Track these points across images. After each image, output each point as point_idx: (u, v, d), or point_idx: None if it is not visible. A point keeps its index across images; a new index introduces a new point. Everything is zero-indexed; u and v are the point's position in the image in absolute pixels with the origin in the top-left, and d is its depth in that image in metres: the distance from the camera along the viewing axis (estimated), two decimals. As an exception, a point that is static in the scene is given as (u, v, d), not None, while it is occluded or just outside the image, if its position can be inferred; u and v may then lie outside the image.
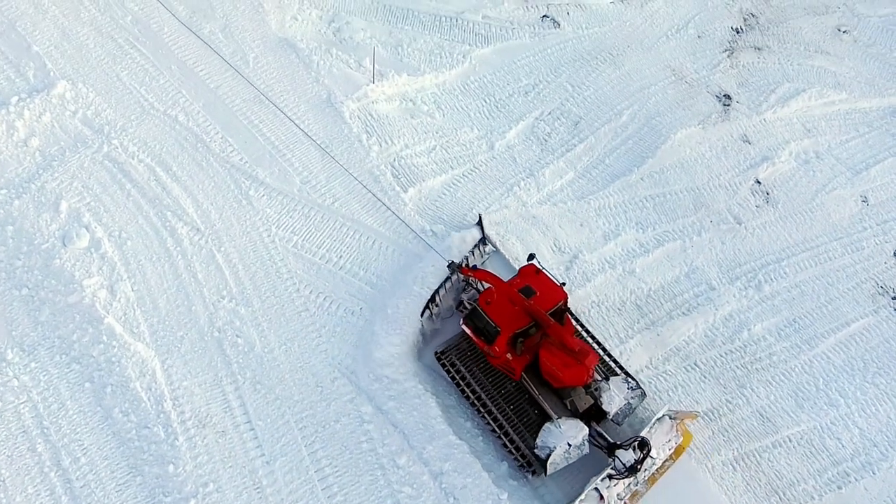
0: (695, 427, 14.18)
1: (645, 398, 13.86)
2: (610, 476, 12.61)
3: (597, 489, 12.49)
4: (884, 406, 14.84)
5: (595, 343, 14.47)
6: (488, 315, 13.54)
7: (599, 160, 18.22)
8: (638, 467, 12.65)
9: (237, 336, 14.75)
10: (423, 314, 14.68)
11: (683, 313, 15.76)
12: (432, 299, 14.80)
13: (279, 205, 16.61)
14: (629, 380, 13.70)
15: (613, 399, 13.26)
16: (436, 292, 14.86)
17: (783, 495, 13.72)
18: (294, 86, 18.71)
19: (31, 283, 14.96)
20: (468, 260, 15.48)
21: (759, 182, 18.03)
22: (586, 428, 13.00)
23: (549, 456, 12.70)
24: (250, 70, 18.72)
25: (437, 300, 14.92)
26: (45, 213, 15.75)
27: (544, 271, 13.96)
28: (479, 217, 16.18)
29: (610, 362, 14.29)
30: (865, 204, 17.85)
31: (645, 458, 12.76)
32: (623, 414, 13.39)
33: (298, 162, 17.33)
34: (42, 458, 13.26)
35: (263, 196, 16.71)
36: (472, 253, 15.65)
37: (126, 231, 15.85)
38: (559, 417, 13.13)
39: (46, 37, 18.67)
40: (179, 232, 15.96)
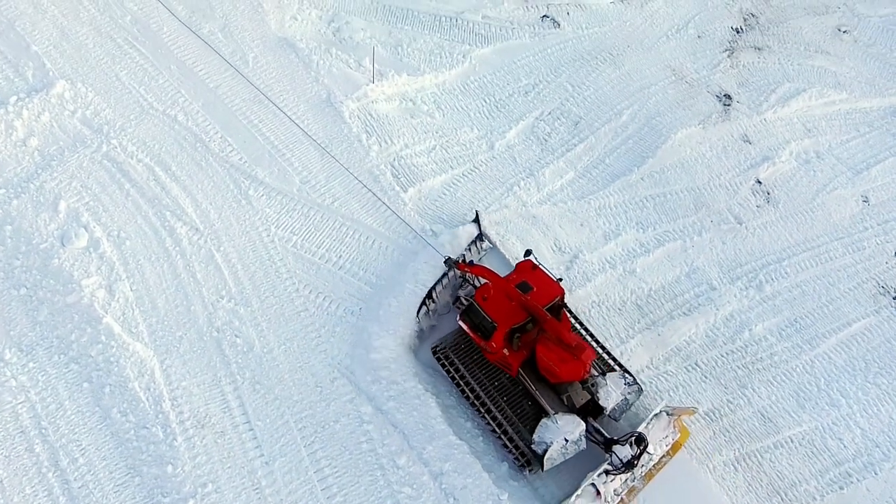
0: (696, 428, 14.14)
1: (642, 394, 13.85)
2: (607, 471, 12.60)
3: (593, 485, 12.48)
4: (885, 406, 14.79)
5: (591, 339, 14.43)
6: (485, 311, 13.49)
7: (600, 160, 18.18)
8: (635, 463, 12.65)
9: (236, 336, 14.70)
10: (420, 311, 14.65)
11: (684, 313, 15.73)
12: (429, 296, 14.78)
13: (278, 204, 16.57)
14: (626, 375, 13.69)
15: (610, 395, 13.26)
16: (433, 288, 14.84)
17: (785, 496, 13.67)
18: (293, 85, 18.67)
19: (30, 283, 14.90)
20: (465, 257, 15.44)
21: (760, 182, 18.00)
22: (583, 423, 12.99)
23: (546, 451, 12.69)
24: (250, 70, 18.68)
25: (434, 296, 14.89)
26: (44, 213, 15.70)
27: (541, 267, 13.92)
28: (476, 213, 16.16)
29: (607, 358, 14.25)
30: (866, 204, 17.82)
31: (642, 454, 12.74)
32: (620, 409, 13.40)
33: (298, 162, 17.29)
34: (40, 459, 13.19)
35: (263, 196, 16.66)
36: (469, 249, 15.62)
37: (125, 231, 15.79)
38: (556, 413, 13.11)
39: (45, 36, 18.62)
40: (178, 232, 15.91)
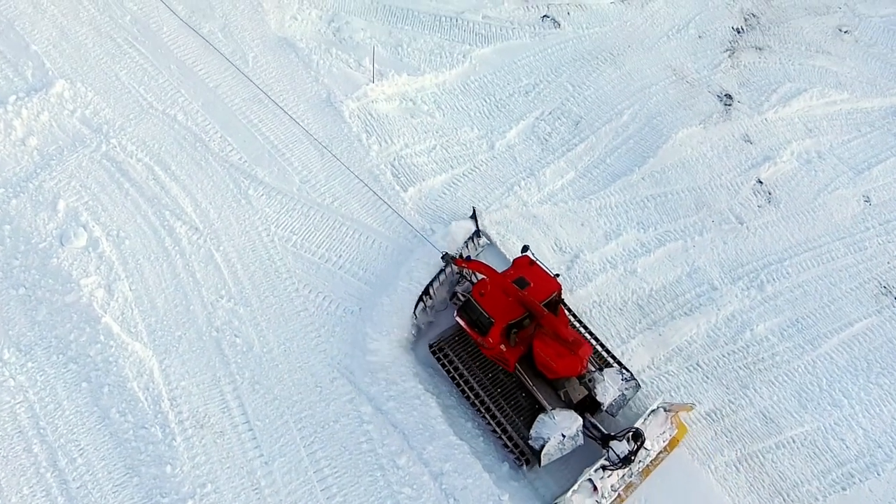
0: (697, 428, 14.08)
1: (639, 389, 13.82)
2: (604, 467, 12.55)
3: (590, 480, 12.44)
4: (888, 407, 14.74)
5: (589, 335, 14.39)
6: (482, 306, 13.44)
7: (600, 160, 18.14)
8: (632, 458, 12.62)
9: (235, 336, 14.65)
10: (417, 307, 14.61)
11: (685, 313, 15.67)
12: (426, 292, 14.75)
13: (278, 204, 16.53)
14: (623, 371, 13.66)
15: (608, 390, 13.24)
16: (430, 284, 14.81)
17: (787, 496, 13.61)
18: (293, 85, 18.63)
19: (29, 283, 14.85)
20: (462, 252, 15.40)
21: (761, 182, 17.96)
22: (580, 419, 12.95)
23: (544, 447, 12.65)
24: (249, 69, 18.64)
25: (431, 292, 14.87)
26: (43, 213, 15.66)
27: (538, 262, 13.88)
28: (473, 210, 16.14)
29: (604, 354, 14.23)
30: (868, 204, 17.77)
31: (639, 450, 12.71)
32: (617, 405, 13.37)
33: (298, 161, 17.25)
34: (38, 459, 13.14)
35: (262, 195, 16.62)
36: (466, 245, 15.59)
37: (124, 230, 15.75)
38: (553, 408, 13.07)
39: (45, 36, 18.58)
40: (178, 231, 15.87)
